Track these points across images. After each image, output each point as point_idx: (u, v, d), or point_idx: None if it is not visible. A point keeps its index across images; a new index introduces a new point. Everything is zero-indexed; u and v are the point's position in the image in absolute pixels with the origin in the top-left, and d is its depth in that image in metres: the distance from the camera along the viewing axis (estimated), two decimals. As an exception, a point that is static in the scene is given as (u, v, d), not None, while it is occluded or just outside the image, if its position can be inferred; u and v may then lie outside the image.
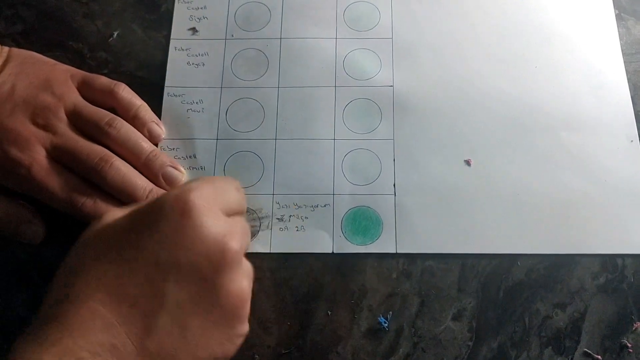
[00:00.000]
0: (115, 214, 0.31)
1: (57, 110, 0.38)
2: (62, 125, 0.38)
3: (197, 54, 0.45)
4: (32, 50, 0.42)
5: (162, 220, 0.29)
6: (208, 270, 0.28)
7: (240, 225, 0.31)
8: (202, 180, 0.31)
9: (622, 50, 0.45)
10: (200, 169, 0.42)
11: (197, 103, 0.44)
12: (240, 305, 0.30)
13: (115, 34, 0.46)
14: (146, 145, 0.40)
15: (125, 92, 0.41)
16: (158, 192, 0.39)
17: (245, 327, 0.31)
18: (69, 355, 0.26)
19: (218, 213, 0.30)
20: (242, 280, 0.30)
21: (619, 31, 0.46)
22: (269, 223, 0.40)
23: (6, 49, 0.41)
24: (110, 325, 0.27)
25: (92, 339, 0.26)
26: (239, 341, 0.31)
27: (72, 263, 0.29)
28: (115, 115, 0.40)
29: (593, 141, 0.42)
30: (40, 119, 0.38)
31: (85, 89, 0.41)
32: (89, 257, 0.29)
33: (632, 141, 0.42)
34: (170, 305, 0.28)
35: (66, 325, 0.26)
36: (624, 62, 0.45)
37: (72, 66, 0.42)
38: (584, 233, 0.40)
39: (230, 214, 0.32)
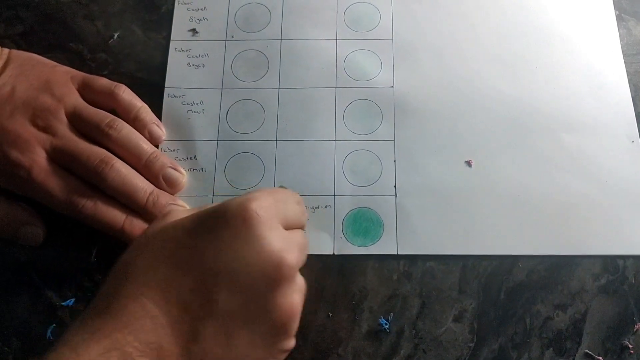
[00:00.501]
0: (179, 212, 0.32)
1: (57, 112, 0.38)
2: (62, 127, 0.38)
3: (198, 55, 0.45)
4: (32, 52, 0.42)
5: (223, 227, 0.29)
6: (262, 282, 0.28)
7: (298, 240, 0.31)
8: (264, 191, 0.31)
9: (622, 51, 0.45)
10: (200, 170, 0.42)
11: (197, 104, 0.44)
12: (289, 321, 0.30)
13: (116, 35, 0.46)
14: (147, 146, 0.40)
15: (126, 94, 0.41)
16: (159, 193, 0.39)
17: (291, 343, 0.31)
18: (117, 349, 0.26)
19: (278, 226, 0.30)
20: (293, 296, 0.30)
21: (619, 32, 0.46)
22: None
23: (6, 50, 0.41)
24: (159, 325, 0.27)
25: (140, 337, 0.27)
26: (283, 356, 0.31)
27: (129, 258, 0.30)
28: (115, 117, 0.39)
29: (594, 142, 0.42)
30: (41, 120, 0.38)
31: (85, 90, 0.41)
32: (146, 254, 0.29)
33: (632, 142, 0.42)
34: (219, 313, 0.28)
35: (117, 320, 0.27)
36: (625, 63, 0.45)
37: (72, 68, 0.42)
38: (585, 234, 0.40)
39: (289, 227, 0.32)
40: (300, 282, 0.31)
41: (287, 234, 0.31)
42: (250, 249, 0.28)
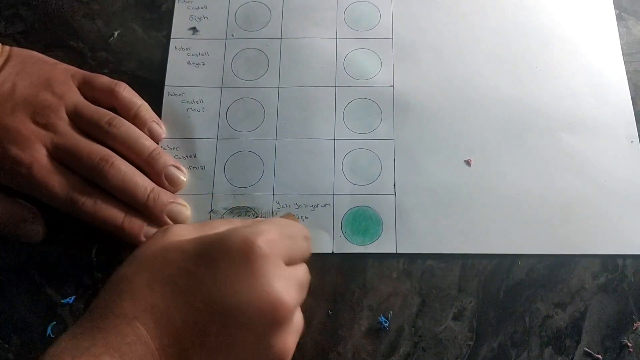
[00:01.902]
0: (180, 230, 0.31)
1: (57, 109, 0.38)
2: (63, 124, 0.38)
3: (198, 54, 0.45)
4: (33, 50, 0.42)
5: (225, 259, 0.28)
6: (257, 322, 0.28)
7: (299, 278, 0.31)
8: (272, 223, 0.31)
9: (622, 50, 0.45)
10: (200, 169, 0.42)
11: (197, 102, 0.44)
12: None
13: (116, 33, 0.46)
14: (148, 143, 0.40)
15: (126, 92, 0.41)
16: (159, 191, 0.39)
17: None
18: None
19: (280, 264, 0.29)
20: (288, 338, 0.29)
21: (619, 31, 0.46)
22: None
23: (7, 48, 0.41)
24: (150, 353, 0.27)
25: None
26: None
27: (127, 274, 0.29)
28: (115, 115, 0.40)
29: (593, 142, 0.42)
30: (41, 118, 0.38)
31: (85, 88, 0.41)
32: (145, 275, 0.29)
33: (632, 142, 0.42)
34: (210, 347, 0.27)
35: (109, 341, 0.26)
36: (624, 62, 0.45)
37: (73, 66, 0.42)
38: (584, 233, 0.40)
39: (292, 263, 0.31)
40: (297, 322, 0.30)
41: (289, 272, 0.30)
42: (250, 287, 0.28)
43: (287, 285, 0.29)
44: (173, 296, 0.28)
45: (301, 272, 0.32)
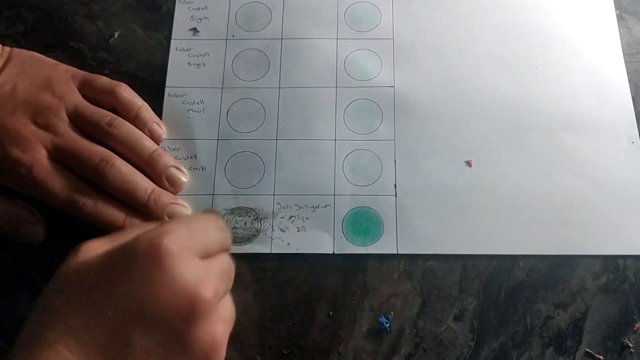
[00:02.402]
0: (92, 248, 0.30)
1: (58, 110, 0.38)
2: (63, 125, 0.38)
3: (198, 54, 0.45)
4: (33, 51, 0.42)
5: (133, 267, 0.28)
6: (176, 320, 0.28)
7: (218, 269, 0.30)
8: (179, 222, 0.30)
9: (622, 50, 0.45)
10: (201, 169, 0.42)
11: (198, 103, 0.44)
12: (212, 352, 0.29)
13: (116, 34, 0.46)
14: (149, 143, 0.40)
15: (127, 93, 0.41)
16: (160, 192, 0.39)
17: None
18: None
19: (192, 259, 0.29)
20: (214, 328, 0.29)
21: (619, 31, 0.46)
22: (270, 224, 0.40)
23: (7, 49, 0.41)
24: None
25: None
26: None
27: (46, 303, 0.29)
28: (116, 115, 0.40)
29: (593, 142, 0.42)
30: (41, 119, 0.38)
31: (86, 89, 0.41)
32: (61, 299, 0.28)
33: (632, 142, 0.42)
34: (136, 355, 0.27)
35: None
36: (625, 62, 0.45)
37: (73, 66, 0.42)
38: (585, 234, 0.40)
39: (209, 255, 0.31)
40: (223, 311, 0.30)
41: (204, 264, 0.30)
42: (163, 286, 0.27)
43: (203, 277, 0.28)
44: (90, 313, 0.27)
45: (220, 262, 0.31)
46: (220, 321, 0.30)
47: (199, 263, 0.29)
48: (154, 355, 0.28)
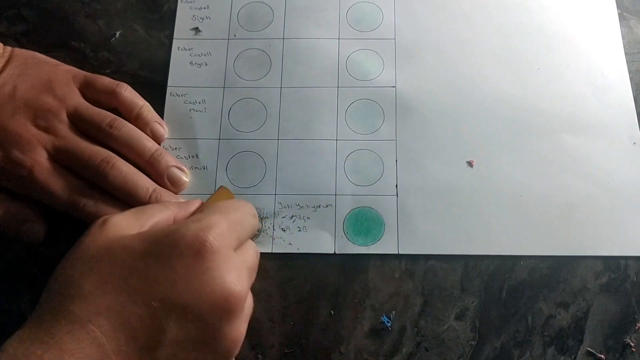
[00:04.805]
0: (120, 224, 0.31)
1: (58, 112, 0.38)
2: (64, 127, 0.38)
3: (200, 54, 0.45)
4: (34, 50, 0.42)
5: (176, 257, 0.28)
6: (211, 315, 0.29)
7: (249, 262, 0.32)
8: (219, 214, 0.31)
9: (624, 50, 0.45)
10: (202, 169, 0.42)
11: (199, 103, 0.44)
12: (233, 348, 0.30)
13: (118, 33, 0.46)
14: (150, 144, 0.40)
15: (128, 92, 0.41)
16: (161, 192, 0.39)
17: None
18: None
19: (230, 255, 0.30)
20: (241, 325, 0.30)
21: (621, 31, 0.46)
22: (271, 223, 0.40)
23: (8, 48, 0.41)
24: (105, 355, 0.27)
25: None
26: None
27: (73, 276, 0.29)
28: (116, 116, 0.40)
29: (595, 143, 0.42)
30: (42, 121, 0.38)
31: (87, 89, 0.41)
32: (93, 277, 0.28)
33: (634, 143, 0.42)
34: (167, 343, 0.28)
35: (63, 347, 0.26)
36: (627, 61, 0.45)
37: (75, 66, 0.42)
38: (587, 235, 0.40)
39: (241, 244, 0.32)
40: (247, 308, 0.31)
41: (240, 259, 0.31)
42: (203, 283, 0.28)
43: (238, 275, 0.30)
44: (127, 297, 0.28)
45: (250, 254, 0.33)
46: (245, 319, 0.31)
47: (235, 259, 0.30)
48: (183, 347, 0.28)
